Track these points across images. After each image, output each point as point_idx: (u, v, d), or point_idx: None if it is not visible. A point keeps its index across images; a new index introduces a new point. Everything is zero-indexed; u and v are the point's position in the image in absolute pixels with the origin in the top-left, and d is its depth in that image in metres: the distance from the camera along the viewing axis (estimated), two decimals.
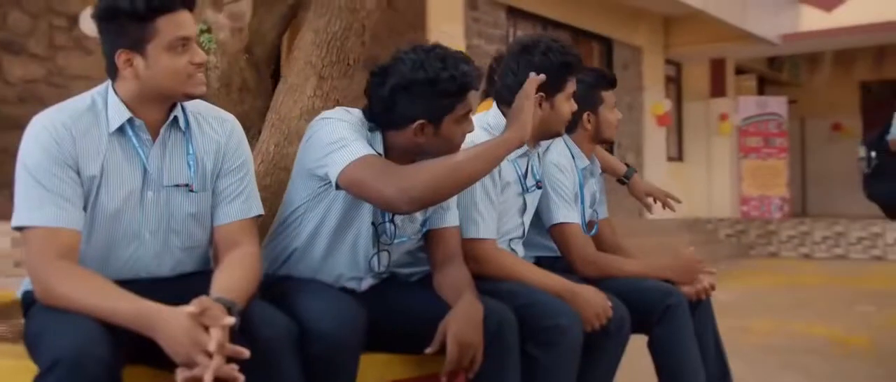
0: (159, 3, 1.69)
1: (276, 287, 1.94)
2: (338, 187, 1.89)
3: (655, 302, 2.34)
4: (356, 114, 2.02)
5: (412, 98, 1.91)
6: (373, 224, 2.02)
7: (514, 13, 8.78)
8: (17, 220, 1.68)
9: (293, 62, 2.85)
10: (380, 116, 1.98)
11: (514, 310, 1.98)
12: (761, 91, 13.96)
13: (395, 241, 2.06)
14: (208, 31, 2.81)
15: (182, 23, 1.72)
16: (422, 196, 1.83)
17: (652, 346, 2.38)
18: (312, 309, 1.76)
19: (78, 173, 1.71)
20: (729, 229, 12.07)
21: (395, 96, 1.92)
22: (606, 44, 10.58)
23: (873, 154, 3.97)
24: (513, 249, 2.38)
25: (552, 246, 2.56)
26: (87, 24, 4.87)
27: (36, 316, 1.65)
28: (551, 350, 2.00)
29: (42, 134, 1.70)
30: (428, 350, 1.89)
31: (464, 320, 1.86)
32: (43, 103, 2.01)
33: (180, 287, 1.85)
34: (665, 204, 2.92)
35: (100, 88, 1.81)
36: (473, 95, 2.04)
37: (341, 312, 1.76)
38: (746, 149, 12.52)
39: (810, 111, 14.48)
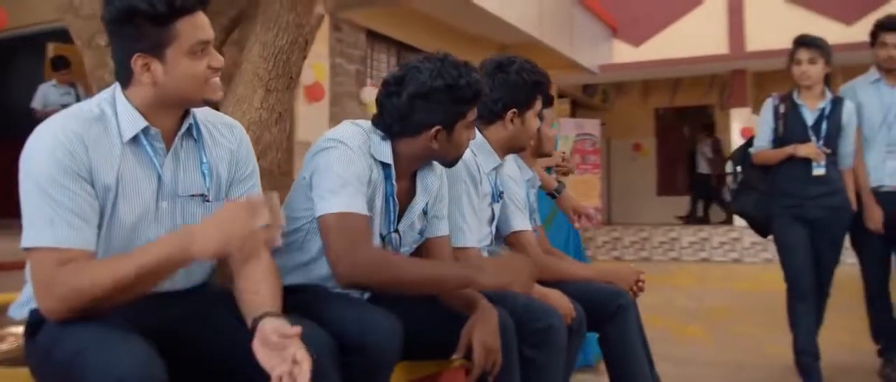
0: (181, 5, 1.51)
1: (293, 297, 1.80)
2: None
3: (607, 302, 2.40)
4: (366, 126, 1.94)
5: (431, 105, 1.87)
6: (380, 235, 1.93)
7: (373, 36, 8.75)
8: (27, 241, 1.45)
9: (241, 74, 2.69)
10: (394, 125, 1.90)
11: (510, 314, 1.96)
12: (574, 114, 14.70)
13: (401, 250, 1.98)
14: None
15: (201, 25, 1.56)
16: (359, 281, 1.81)
17: (604, 343, 2.43)
18: (352, 322, 1.66)
19: (92, 185, 1.50)
20: None
21: (413, 104, 1.86)
22: None
23: (739, 168, 3.84)
24: None
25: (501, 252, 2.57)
26: None
27: (64, 336, 1.42)
28: (545, 350, 2.00)
29: (53, 144, 1.47)
30: (455, 356, 1.83)
31: (486, 326, 1.82)
32: None
33: (195, 301, 1.69)
34: (587, 219, 3.03)
35: (104, 96, 1.61)
36: None
37: (382, 324, 1.68)
38: None
39: (615, 133, 15.43)
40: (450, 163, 2.00)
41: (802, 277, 3.49)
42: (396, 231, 1.96)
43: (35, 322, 1.53)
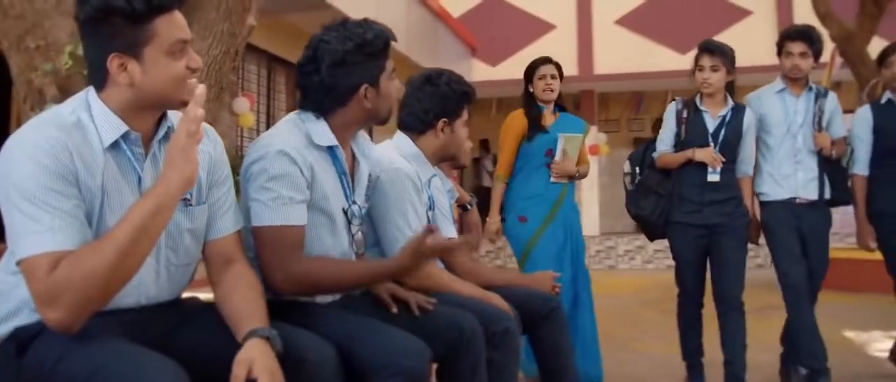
0: (159, 3, 1.46)
1: (300, 312, 1.79)
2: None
3: (540, 305, 2.49)
4: (292, 120, 1.94)
5: (350, 68, 1.90)
6: (343, 211, 1.96)
7: (245, 47, 8.53)
8: (29, 249, 1.33)
9: None
10: (322, 102, 1.92)
11: None
12: None
13: (362, 213, 2.04)
14: None
15: (180, 24, 1.52)
16: (297, 291, 1.84)
17: (536, 344, 2.51)
18: (383, 345, 1.68)
19: (79, 191, 1.42)
20: None
21: (334, 73, 1.89)
22: None
23: (637, 169, 3.68)
24: None
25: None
26: None
27: (70, 355, 1.34)
28: (503, 351, 2.07)
29: (36, 151, 1.38)
30: None
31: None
32: None
33: (181, 312, 1.64)
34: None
35: (77, 101, 1.52)
36: None
37: (413, 346, 1.71)
38: None
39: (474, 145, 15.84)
40: (385, 118, 2.02)
41: (694, 286, 3.53)
42: (355, 202, 1.99)
43: (22, 341, 1.41)
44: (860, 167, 3.70)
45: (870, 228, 3.68)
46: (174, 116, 1.62)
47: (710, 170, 3.40)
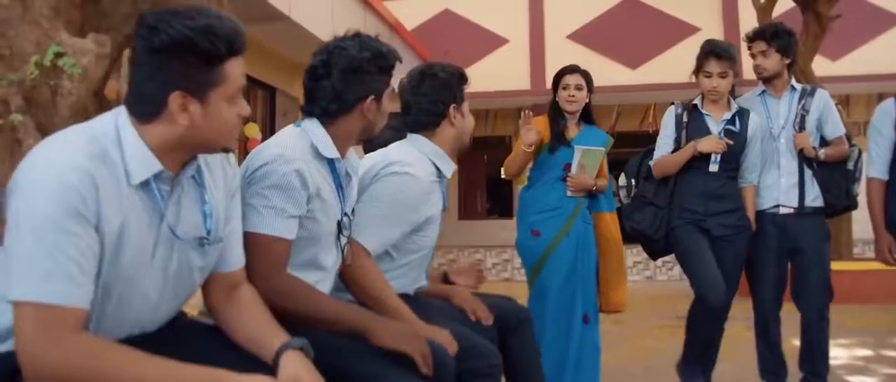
0: (238, 47, 1.41)
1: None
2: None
3: (511, 316, 2.51)
4: (295, 131, 1.94)
5: (361, 76, 1.93)
6: (337, 222, 1.96)
7: None
8: (19, 292, 1.27)
9: None
10: (330, 105, 1.93)
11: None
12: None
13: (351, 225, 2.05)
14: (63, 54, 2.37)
15: (243, 70, 1.47)
16: (273, 306, 1.74)
17: (506, 353, 2.49)
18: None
19: (97, 231, 1.32)
20: None
21: (346, 79, 1.91)
22: (271, 92, 10.60)
23: (633, 181, 3.49)
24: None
25: None
26: None
27: None
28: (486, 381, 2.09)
29: (61, 183, 1.28)
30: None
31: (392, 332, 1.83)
32: None
33: (168, 337, 1.58)
34: None
35: (105, 130, 1.40)
36: None
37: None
38: None
39: None
40: (372, 136, 2.05)
41: (716, 284, 3.12)
42: (346, 214, 1.99)
43: (11, 370, 1.33)
44: (878, 169, 3.32)
45: (889, 239, 3.35)
46: (201, 157, 1.54)
47: (712, 159, 3.21)
